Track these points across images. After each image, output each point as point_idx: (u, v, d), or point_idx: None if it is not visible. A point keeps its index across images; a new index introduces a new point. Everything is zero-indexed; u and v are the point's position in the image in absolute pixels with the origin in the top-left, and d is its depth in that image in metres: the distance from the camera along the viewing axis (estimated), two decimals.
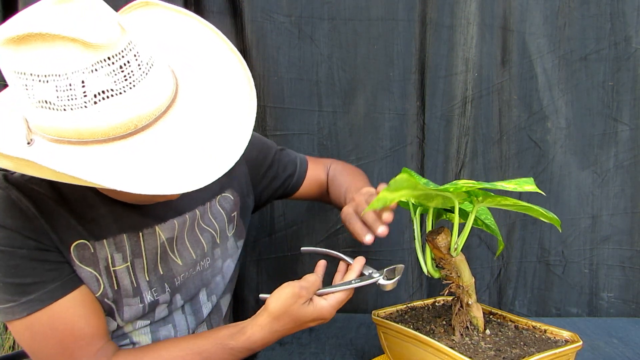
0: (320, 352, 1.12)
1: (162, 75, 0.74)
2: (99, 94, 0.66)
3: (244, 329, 0.86)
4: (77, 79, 0.64)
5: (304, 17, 1.34)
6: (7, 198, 0.78)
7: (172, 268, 0.94)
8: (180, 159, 0.72)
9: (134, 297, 0.89)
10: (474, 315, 0.91)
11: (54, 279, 0.80)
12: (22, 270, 0.78)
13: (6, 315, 0.79)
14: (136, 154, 0.70)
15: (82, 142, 0.68)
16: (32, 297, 0.78)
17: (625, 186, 1.39)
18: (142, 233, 0.90)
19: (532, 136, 1.39)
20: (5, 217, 0.77)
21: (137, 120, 0.70)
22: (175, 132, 0.73)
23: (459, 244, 0.87)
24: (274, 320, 0.84)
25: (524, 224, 1.41)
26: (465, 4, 1.34)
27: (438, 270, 0.92)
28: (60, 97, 0.65)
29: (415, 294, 1.43)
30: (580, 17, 1.34)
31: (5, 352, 1.69)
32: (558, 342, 0.90)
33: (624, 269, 1.41)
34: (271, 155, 1.13)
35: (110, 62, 0.66)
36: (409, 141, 1.39)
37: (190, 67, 0.82)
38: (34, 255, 0.78)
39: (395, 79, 1.37)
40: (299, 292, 0.83)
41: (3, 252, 0.77)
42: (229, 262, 1.07)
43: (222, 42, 0.84)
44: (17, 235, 0.77)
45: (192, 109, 0.77)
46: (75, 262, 0.82)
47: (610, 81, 1.36)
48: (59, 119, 0.67)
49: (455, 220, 0.86)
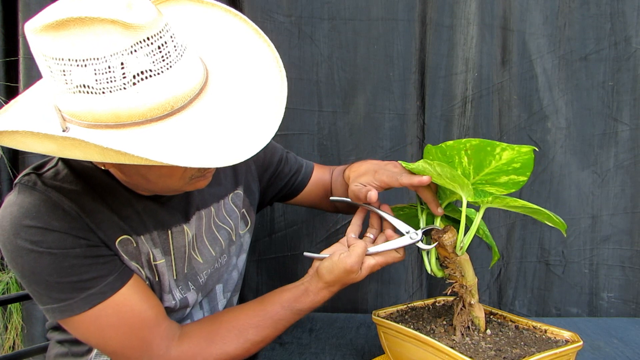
0: (320, 352, 1.12)
1: (194, 58, 0.75)
2: (137, 75, 0.66)
3: (307, 291, 0.92)
4: (117, 61, 0.65)
5: (304, 17, 1.34)
6: (48, 200, 0.78)
7: (195, 266, 0.96)
8: (219, 135, 0.72)
9: (168, 293, 0.92)
10: (476, 315, 0.91)
11: (110, 271, 0.81)
12: (79, 268, 0.78)
13: (63, 313, 0.79)
14: (175, 133, 0.70)
15: (119, 125, 0.68)
16: (92, 292, 0.79)
17: (625, 186, 1.39)
18: (170, 231, 0.91)
19: (532, 136, 1.39)
20: (50, 219, 0.77)
21: (173, 102, 0.70)
22: (210, 111, 0.74)
23: (465, 243, 0.87)
24: (330, 287, 0.91)
25: (524, 224, 1.41)
26: (465, 4, 1.35)
27: (442, 270, 0.92)
28: (99, 80, 0.65)
29: (415, 294, 1.43)
30: (580, 17, 1.35)
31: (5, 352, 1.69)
32: (558, 342, 0.90)
33: (624, 269, 1.41)
34: (278, 155, 1.13)
35: (150, 43, 0.66)
36: (409, 141, 1.39)
37: (217, 52, 0.83)
38: (87, 252, 0.79)
39: (395, 79, 1.37)
40: (352, 267, 0.88)
41: (56, 255, 0.77)
42: (243, 257, 1.10)
43: (246, 26, 0.85)
44: (66, 237, 0.78)
45: (224, 91, 0.78)
46: (122, 256, 0.84)
47: (610, 81, 1.36)
48: (97, 102, 0.67)
49: (462, 218, 0.85)
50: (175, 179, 0.81)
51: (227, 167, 1.04)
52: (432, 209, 0.91)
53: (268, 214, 1.41)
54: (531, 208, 0.82)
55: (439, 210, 0.91)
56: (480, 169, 0.83)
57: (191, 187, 0.85)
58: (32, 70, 1.29)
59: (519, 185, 0.86)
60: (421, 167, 0.85)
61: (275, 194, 1.16)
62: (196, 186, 0.86)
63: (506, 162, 0.80)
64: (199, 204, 0.97)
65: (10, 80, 1.37)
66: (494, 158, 0.81)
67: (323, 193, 1.18)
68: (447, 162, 0.84)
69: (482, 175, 0.84)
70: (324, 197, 1.18)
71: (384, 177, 0.92)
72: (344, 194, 1.09)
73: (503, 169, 0.82)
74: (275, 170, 1.13)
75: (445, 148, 0.83)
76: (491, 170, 0.82)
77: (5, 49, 1.36)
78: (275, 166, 1.13)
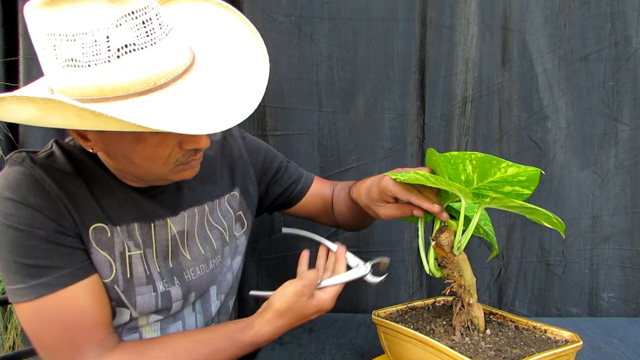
0: (320, 352, 1.12)
1: (180, 41, 0.77)
2: (122, 48, 0.68)
3: (252, 324, 0.89)
4: (102, 35, 0.67)
5: (304, 17, 1.34)
6: (30, 176, 0.80)
7: (182, 262, 0.95)
8: (200, 107, 0.74)
9: (147, 284, 0.90)
10: (475, 315, 0.91)
11: (67, 264, 0.81)
12: (38, 251, 0.78)
13: (14, 297, 0.79)
14: (156, 106, 0.71)
15: (103, 98, 0.70)
16: (42, 281, 0.78)
17: (625, 186, 1.39)
18: (153, 224, 0.91)
19: (532, 136, 1.39)
20: (28, 194, 0.79)
21: (156, 78, 0.72)
22: (193, 88, 0.76)
23: (462, 242, 0.87)
24: (280, 316, 0.88)
25: (524, 224, 1.41)
26: (465, 4, 1.34)
27: (440, 270, 0.92)
28: (85, 53, 0.68)
29: (415, 294, 1.43)
30: (581, 17, 1.35)
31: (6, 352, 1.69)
32: (558, 342, 0.89)
33: (624, 269, 1.41)
34: (277, 162, 1.14)
35: (134, 17, 0.69)
36: (409, 141, 1.39)
37: (206, 42, 0.85)
38: (52, 237, 0.79)
39: (395, 79, 1.37)
40: (302, 290, 0.88)
41: (21, 231, 0.78)
42: (238, 260, 1.09)
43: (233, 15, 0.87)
44: (38, 215, 0.78)
45: (209, 72, 0.80)
46: (92, 245, 0.84)
47: (610, 81, 1.36)
48: (83, 76, 0.69)
49: (461, 218, 0.85)
50: (159, 163, 0.81)
51: (223, 168, 1.05)
52: (429, 209, 0.88)
53: (268, 214, 1.41)
54: (529, 208, 0.81)
55: (443, 215, 0.88)
56: (484, 178, 0.82)
57: (178, 176, 0.86)
58: (32, 71, 1.29)
59: (522, 198, 0.84)
60: (413, 178, 0.85)
61: (274, 200, 1.15)
62: (183, 175, 0.86)
63: (511, 174, 0.80)
64: (192, 201, 0.98)
65: (10, 80, 1.37)
66: (499, 170, 0.80)
67: (322, 206, 1.17)
68: (452, 169, 0.83)
69: (485, 182, 0.83)
70: (323, 210, 1.18)
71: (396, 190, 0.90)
72: (347, 211, 1.12)
73: (508, 179, 0.81)
74: (274, 175, 1.13)
75: (450, 157, 0.82)
76: (496, 179, 0.81)
77: (5, 49, 1.36)
78: (274, 172, 1.13)
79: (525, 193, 0.83)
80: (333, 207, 1.17)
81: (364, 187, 0.99)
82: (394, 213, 0.94)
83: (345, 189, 1.11)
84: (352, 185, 1.06)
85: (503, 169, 0.79)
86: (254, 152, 1.11)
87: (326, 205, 1.18)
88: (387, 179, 0.91)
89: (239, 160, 1.08)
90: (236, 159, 1.07)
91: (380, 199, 0.94)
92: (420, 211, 0.91)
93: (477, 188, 0.85)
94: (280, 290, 0.90)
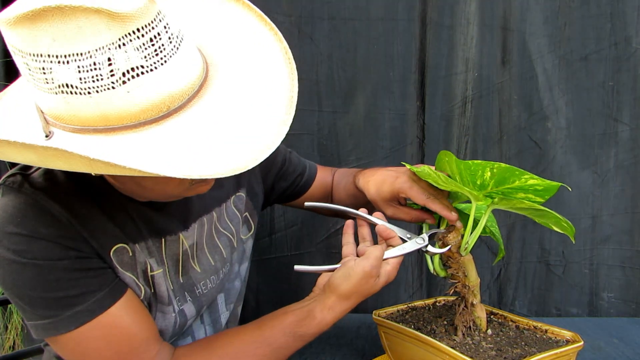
0: (321, 352, 1.12)
1: (191, 50, 0.67)
2: (127, 72, 0.58)
3: (312, 313, 0.81)
4: (103, 57, 0.57)
5: (304, 17, 1.34)
6: (35, 204, 0.70)
7: (192, 276, 0.89)
8: (220, 141, 0.64)
9: (168, 305, 0.84)
10: (478, 316, 0.91)
11: (101, 286, 0.73)
12: (65, 282, 0.70)
13: (47, 331, 0.71)
14: (171, 138, 0.62)
15: (108, 129, 0.61)
16: (79, 309, 0.71)
17: (625, 186, 1.39)
18: (164, 239, 0.84)
19: (533, 136, 1.39)
20: (37, 226, 0.69)
21: (169, 101, 0.63)
22: (211, 113, 0.66)
23: (470, 243, 0.86)
24: (345, 300, 0.81)
25: (524, 224, 1.41)
26: (465, 4, 1.35)
27: (444, 270, 0.91)
28: (83, 78, 0.57)
29: (415, 294, 1.43)
30: (581, 17, 1.35)
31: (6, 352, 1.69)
32: (559, 342, 0.89)
33: (624, 269, 1.41)
34: (281, 155, 1.08)
35: (140, 35, 0.58)
36: (409, 141, 1.39)
37: (218, 42, 0.74)
38: (76, 265, 0.71)
39: (395, 79, 1.37)
40: (370, 271, 0.79)
41: (41, 267, 0.69)
42: (246, 265, 1.04)
43: (252, 15, 0.76)
44: (54, 246, 0.69)
45: (226, 88, 0.69)
46: (117, 268, 0.77)
47: (610, 81, 1.36)
48: (82, 104, 0.59)
49: (471, 219, 0.85)
50: (173, 186, 0.73)
51: None
52: (446, 217, 0.86)
53: (268, 214, 1.41)
54: (539, 210, 0.80)
55: (452, 215, 0.85)
56: (501, 184, 0.80)
57: (192, 193, 0.78)
58: None
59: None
60: (427, 172, 0.85)
61: (280, 195, 1.11)
62: (197, 191, 0.78)
63: (530, 184, 0.79)
64: (200, 210, 0.90)
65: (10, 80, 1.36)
66: (519, 180, 0.79)
67: (324, 195, 1.14)
68: (470, 174, 0.83)
69: (500, 188, 0.82)
70: (324, 200, 1.13)
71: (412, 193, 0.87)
72: (347, 198, 1.06)
73: (524, 187, 0.80)
74: (279, 170, 1.08)
75: (471, 164, 0.80)
76: (512, 187, 0.80)
77: (5, 49, 1.36)
78: (279, 166, 1.07)
79: (538, 201, 0.81)
80: (332, 195, 1.12)
81: (374, 180, 0.93)
82: (403, 217, 0.90)
83: (348, 176, 1.06)
84: (357, 172, 1.00)
85: (524, 179, 0.78)
86: None
87: (327, 194, 1.13)
88: (403, 179, 0.87)
89: None
90: None
91: (392, 198, 0.90)
92: (433, 219, 0.90)
93: (489, 192, 0.84)
94: (343, 270, 0.80)
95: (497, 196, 0.83)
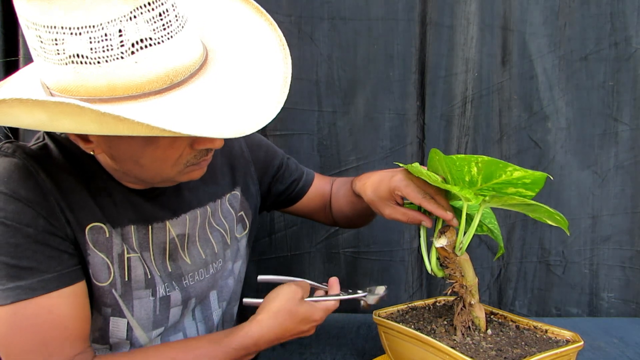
0: (321, 352, 1.12)
1: (194, 33, 0.72)
2: (136, 43, 0.62)
3: (241, 326, 0.86)
4: (114, 28, 0.60)
5: (304, 17, 1.34)
6: (23, 168, 0.74)
7: (181, 267, 0.91)
8: (222, 108, 0.68)
9: (146, 288, 0.85)
10: (477, 315, 0.91)
11: (52, 267, 0.74)
12: (22, 250, 0.72)
13: None
14: (175, 106, 0.65)
15: (114, 98, 0.64)
16: (22, 284, 0.71)
17: (625, 186, 1.39)
18: (151, 226, 0.87)
19: (533, 136, 1.39)
20: (19, 187, 0.73)
21: (173, 74, 0.66)
22: (212, 86, 0.70)
23: (464, 243, 0.86)
24: (272, 316, 0.86)
25: (524, 224, 1.41)
26: (465, 4, 1.35)
27: (442, 270, 0.91)
28: (94, 49, 0.61)
29: (415, 294, 1.43)
30: (581, 17, 1.35)
31: None
32: (559, 342, 0.89)
33: (624, 269, 1.41)
34: (278, 159, 1.10)
35: (150, 9, 0.62)
36: (409, 141, 1.39)
37: (216, 33, 0.79)
38: (39, 237, 0.73)
39: (395, 79, 1.37)
40: (295, 289, 0.89)
41: (8, 227, 0.71)
42: (240, 264, 1.05)
43: (248, 7, 0.82)
44: (27, 210, 0.72)
45: (226, 69, 0.74)
46: (89, 246, 0.79)
47: (610, 81, 1.36)
48: (91, 73, 0.62)
49: (462, 218, 0.85)
50: (169, 164, 0.76)
51: (224, 166, 1.01)
52: (441, 217, 0.87)
53: (268, 214, 1.41)
54: (530, 205, 0.81)
55: (454, 221, 0.86)
56: (489, 180, 0.81)
57: (185, 177, 0.81)
58: None
59: None
60: (418, 169, 0.85)
61: (276, 199, 1.12)
62: (190, 176, 0.81)
63: (517, 177, 0.79)
64: (193, 202, 0.93)
65: None
66: (505, 173, 0.79)
67: (321, 204, 1.15)
68: (457, 170, 0.83)
69: (490, 184, 0.83)
70: (322, 208, 1.15)
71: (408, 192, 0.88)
72: (346, 205, 1.09)
73: (512, 182, 0.80)
74: (275, 173, 1.10)
75: (455, 159, 0.82)
76: (500, 181, 0.81)
77: (5, 49, 1.35)
78: (275, 169, 1.09)
79: (529, 195, 0.82)
80: (331, 204, 1.14)
81: (371, 181, 0.95)
82: (400, 218, 0.91)
83: (346, 183, 1.09)
84: (354, 178, 1.03)
85: (509, 172, 0.79)
86: (254, 148, 1.07)
87: (325, 203, 1.15)
88: (399, 178, 0.89)
89: (239, 157, 1.04)
90: (237, 157, 1.04)
91: (389, 197, 0.91)
92: (430, 221, 0.90)
93: (480, 189, 0.84)
94: (272, 292, 0.90)
95: (489, 193, 0.84)
